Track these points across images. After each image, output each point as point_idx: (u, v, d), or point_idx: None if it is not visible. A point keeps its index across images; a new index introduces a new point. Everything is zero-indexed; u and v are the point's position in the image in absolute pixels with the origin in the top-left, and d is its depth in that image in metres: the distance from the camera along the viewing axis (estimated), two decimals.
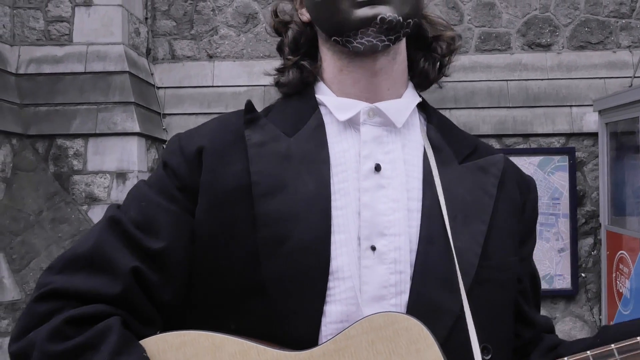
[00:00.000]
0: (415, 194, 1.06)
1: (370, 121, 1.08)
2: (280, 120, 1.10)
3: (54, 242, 4.95)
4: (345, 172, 1.05)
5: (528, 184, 1.21)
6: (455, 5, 6.18)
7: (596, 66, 6.06)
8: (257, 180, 1.02)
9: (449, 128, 1.17)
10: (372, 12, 1.01)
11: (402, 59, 1.14)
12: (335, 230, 1.00)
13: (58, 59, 5.41)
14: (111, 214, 1.06)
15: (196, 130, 1.14)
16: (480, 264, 1.02)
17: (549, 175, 5.78)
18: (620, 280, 5.17)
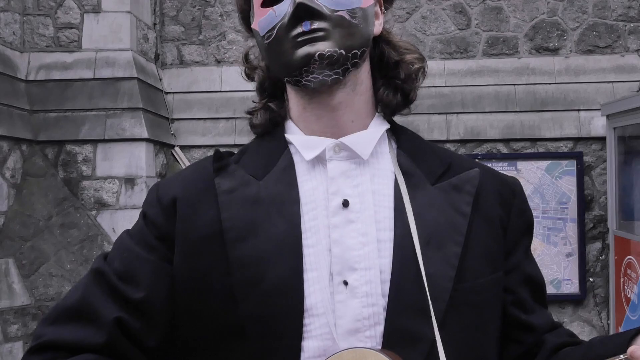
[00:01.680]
0: (386, 224, 1.07)
1: (336, 156, 1.10)
2: (251, 164, 1.13)
3: (63, 247, 4.99)
4: (315, 210, 1.07)
5: (512, 189, 1.19)
6: (462, 9, 6.18)
7: (604, 70, 6.05)
8: (229, 226, 1.06)
9: (421, 149, 1.17)
10: (311, 49, 1.04)
11: (364, 89, 1.15)
12: (307, 268, 1.03)
13: (67, 65, 5.45)
14: (96, 266, 1.12)
15: (172, 179, 1.18)
16: (454, 287, 1.03)
17: (556, 179, 5.77)
18: (628, 286, 5.16)
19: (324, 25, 1.05)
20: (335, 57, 1.05)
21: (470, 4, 6.19)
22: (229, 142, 6.04)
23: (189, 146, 6.07)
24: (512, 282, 1.15)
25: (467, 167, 1.16)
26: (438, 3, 6.20)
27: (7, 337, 4.56)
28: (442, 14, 6.20)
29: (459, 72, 6.13)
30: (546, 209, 5.78)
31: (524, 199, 1.21)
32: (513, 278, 1.15)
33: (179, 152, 6.02)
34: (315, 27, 1.05)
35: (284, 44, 1.07)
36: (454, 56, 6.18)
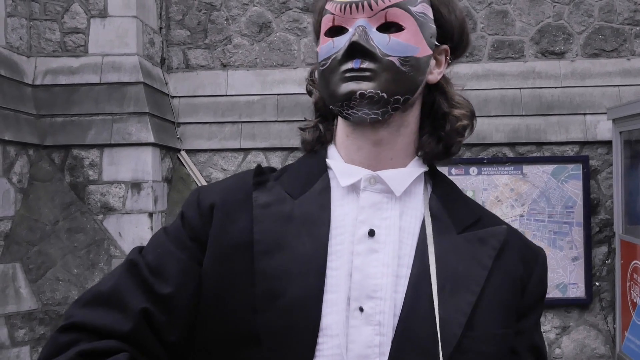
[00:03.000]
0: (406, 261, 1.10)
1: (371, 187, 1.13)
2: (289, 182, 1.18)
3: (70, 251, 5.01)
4: (343, 234, 1.10)
5: (536, 256, 1.21)
6: (468, 13, 6.18)
7: (610, 74, 6.04)
8: (259, 238, 1.10)
9: (454, 198, 1.21)
10: (355, 87, 1.07)
11: (409, 132, 1.18)
12: (327, 290, 1.06)
13: (74, 70, 5.47)
14: (132, 257, 1.16)
15: (214, 186, 1.23)
16: (463, 333, 1.05)
17: (562, 183, 5.77)
18: (634, 290, 5.15)
19: (372, 66, 1.08)
20: (375, 99, 1.08)
21: (476, 7, 6.19)
22: (235, 146, 6.06)
23: (194, 150, 6.09)
24: (519, 346, 1.16)
25: (495, 224, 1.18)
26: None
27: (15, 342, 4.58)
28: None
29: (465, 75, 6.12)
30: (552, 213, 5.78)
31: (545, 269, 1.22)
32: (521, 342, 1.16)
33: (184, 156, 6.03)
34: (364, 67, 1.08)
35: (334, 75, 1.10)
36: (459, 60, 6.16)
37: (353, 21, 1.11)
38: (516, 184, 5.80)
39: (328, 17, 1.14)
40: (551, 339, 5.81)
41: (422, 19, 1.13)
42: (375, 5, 1.10)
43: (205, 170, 6.08)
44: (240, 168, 6.07)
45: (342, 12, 1.12)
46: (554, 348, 5.81)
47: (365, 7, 1.10)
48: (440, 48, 1.18)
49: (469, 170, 5.83)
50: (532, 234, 5.78)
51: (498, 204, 5.81)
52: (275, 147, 6.02)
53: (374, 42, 1.09)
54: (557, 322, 5.81)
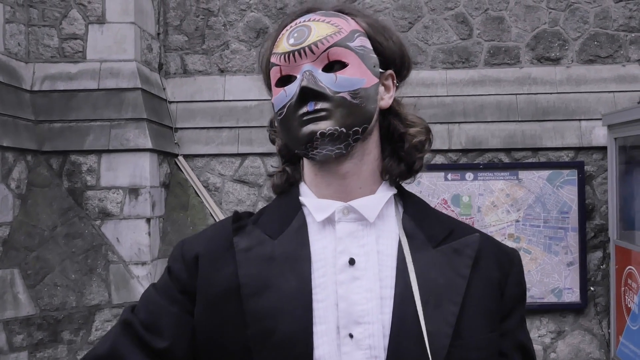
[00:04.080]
0: (388, 282, 1.14)
1: (345, 218, 1.18)
2: (267, 224, 1.22)
3: (68, 257, 5.03)
4: (324, 267, 1.15)
5: (511, 258, 1.26)
6: (464, 19, 6.22)
7: (605, 80, 6.08)
8: (245, 282, 1.14)
9: (425, 214, 1.25)
10: (314, 127, 1.13)
11: (372, 159, 1.23)
12: (316, 322, 1.11)
13: (72, 75, 5.50)
14: (125, 317, 1.22)
15: (196, 237, 1.27)
16: (452, 343, 1.10)
17: (558, 189, 5.81)
18: (628, 296, 5.19)
19: (326, 105, 1.13)
20: (336, 135, 1.13)
21: (472, 13, 6.22)
22: (232, 151, 6.09)
23: (192, 155, 6.12)
24: (505, 346, 1.20)
25: (468, 233, 1.23)
26: (440, 13, 6.24)
27: (13, 347, 4.60)
28: (444, 24, 6.24)
29: (461, 81, 6.16)
30: (547, 218, 5.81)
31: (521, 269, 1.28)
32: (507, 342, 1.21)
33: (182, 161, 6.06)
34: (319, 108, 1.13)
35: (292, 121, 1.16)
36: (455, 66, 6.22)
37: (299, 68, 1.16)
38: (512, 190, 5.84)
39: (275, 69, 1.20)
40: (546, 344, 5.84)
41: (362, 51, 1.18)
42: (316, 49, 1.15)
43: (203, 175, 6.11)
44: (237, 173, 6.10)
45: (287, 61, 1.17)
46: (549, 352, 5.85)
47: (308, 52, 1.16)
48: (385, 74, 1.23)
49: (465, 176, 5.86)
50: (528, 239, 5.82)
51: (494, 209, 5.84)
52: (273, 152, 5.98)
53: (323, 82, 1.14)
54: (552, 327, 5.85)
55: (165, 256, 5.55)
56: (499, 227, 5.84)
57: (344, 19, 1.21)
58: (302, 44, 1.16)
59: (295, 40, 1.17)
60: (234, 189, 6.10)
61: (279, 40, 1.21)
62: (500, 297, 1.20)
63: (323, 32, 1.16)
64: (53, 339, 4.81)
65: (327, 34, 1.16)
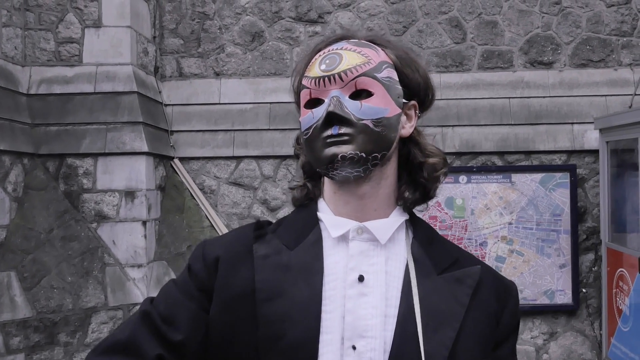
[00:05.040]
0: (393, 302, 1.21)
1: (358, 237, 1.25)
2: (285, 235, 1.30)
3: (64, 259, 5.07)
4: (335, 281, 1.22)
5: (509, 291, 1.34)
6: (458, 23, 6.27)
7: (597, 84, 6.14)
8: (260, 287, 1.21)
9: (433, 242, 1.32)
10: (336, 150, 1.20)
11: (389, 184, 1.30)
12: (323, 331, 1.18)
13: (68, 79, 5.53)
14: (144, 308, 1.29)
15: (217, 240, 1.35)
16: None
17: (550, 191, 5.86)
18: (620, 297, 5.25)
19: (349, 130, 1.21)
20: (356, 159, 1.20)
21: (466, 18, 6.27)
22: (228, 154, 6.13)
23: (187, 158, 6.16)
24: None
25: (471, 264, 1.31)
26: (434, 17, 6.29)
27: (9, 350, 4.63)
28: (438, 28, 6.29)
29: (455, 85, 6.21)
30: (540, 220, 5.87)
31: (517, 302, 1.35)
32: None
33: (178, 164, 6.09)
34: (342, 132, 1.21)
35: (317, 142, 1.23)
36: (449, 69, 6.27)
37: (327, 92, 1.23)
38: (505, 192, 5.89)
39: (305, 91, 1.27)
40: (539, 345, 5.90)
41: (388, 82, 1.25)
42: (345, 77, 1.22)
43: (199, 178, 6.15)
44: (232, 176, 6.14)
45: (317, 85, 1.24)
46: (541, 354, 5.90)
47: (337, 79, 1.22)
48: (409, 104, 1.30)
49: (459, 179, 5.91)
50: (521, 241, 5.87)
51: (487, 211, 5.89)
52: (268, 155, 6.10)
53: (348, 109, 1.21)
54: (544, 328, 5.91)
55: (161, 259, 5.58)
56: (492, 229, 5.89)
57: (374, 49, 1.27)
58: (332, 70, 1.23)
59: (326, 67, 1.24)
60: (230, 191, 6.14)
61: (311, 64, 1.28)
62: (496, 326, 1.27)
63: (353, 62, 1.23)
64: (49, 342, 4.84)
65: (357, 64, 1.23)
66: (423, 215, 5.73)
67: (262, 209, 6.12)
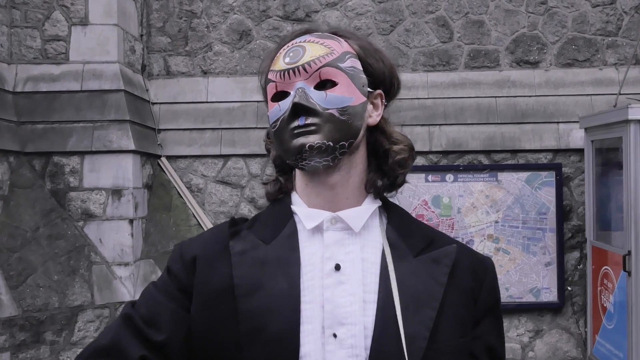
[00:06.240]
0: (371, 288, 1.24)
1: (333, 227, 1.27)
2: (261, 230, 1.32)
3: (51, 258, 5.05)
4: (312, 271, 1.24)
5: (485, 267, 1.36)
6: (445, 23, 6.30)
7: (583, 83, 6.18)
8: (239, 282, 1.23)
9: (408, 225, 1.35)
10: (304, 141, 1.23)
11: (359, 172, 1.32)
12: (303, 321, 1.20)
13: (55, 77, 5.51)
14: (126, 311, 1.31)
15: (194, 240, 1.37)
16: (428, 346, 1.19)
17: (536, 190, 5.90)
18: (604, 295, 5.29)
19: (316, 120, 1.23)
20: (323, 148, 1.23)
21: (453, 17, 6.30)
22: (215, 152, 6.13)
23: (175, 156, 6.15)
24: (476, 349, 1.30)
25: (446, 244, 1.33)
26: (421, 16, 6.31)
27: None
28: (425, 27, 6.31)
29: (442, 84, 6.24)
30: (526, 219, 5.91)
31: (495, 277, 1.37)
32: (478, 345, 1.30)
33: (165, 163, 6.09)
34: (309, 122, 1.23)
35: (285, 133, 1.26)
36: (436, 68, 6.30)
37: (293, 84, 1.26)
38: (491, 191, 5.93)
39: (271, 85, 1.29)
40: (525, 342, 5.94)
41: (352, 72, 1.28)
42: (309, 68, 1.25)
43: (186, 177, 6.15)
44: (220, 174, 6.14)
45: (282, 78, 1.27)
46: (527, 351, 5.94)
47: (301, 71, 1.25)
48: (374, 93, 1.32)
49: (445, 177, 5.94)
50: (507, 239, 5.91)
51: (473, 210, 5.93)
52: (255, 153, 6.10)
53: (313, 99, 1.24)
54: (530, 326, 5.95)
55: (148, 257, 5.58)
56: (478, 227, 5.93)
57: (337, 41, 1.30)
58: (296, 63, 1.25)
59: (290, 60, 1.26)
60: (217, 190, 6.14)
61: (276, 59, 1.30)
62: (474, 304, 1.29)
63: (316, 53, 1.26)
64: (35, 340, 4.82)
65: (320, 55, 1.26)
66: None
67: (249, 207, 6.13)
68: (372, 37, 6.28)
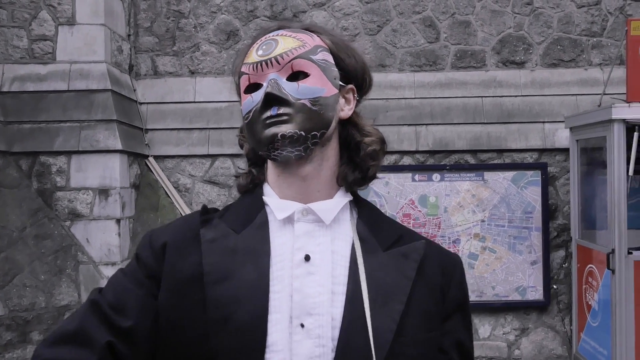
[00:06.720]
0: (340, 280, 1.25)
1: (304, 219, 1.28)
2: (232, 219, 1.32)
3: (37, 257, 5.05)
4: (282, 261, 1.25)
5: (454, 264, 1.38)
6: (432, 23, 6.33)
7: (568, 83, 6.23)
8: (208, 270, 1.23)
9: (378, 220, 1.36)
10: (276, 130, 1.24)
11: (331, 165, 1.33)
12: (272, 311, 1.21)
13: (42, 77, 5.51)
14: (92, 297, 1.30)
15: (165, 228, 1.37)
16: (395, 339, 1.20)
17: (522, 189, 5.94)
18: (589, 293, 5.34)
19: (288, 110, 1.25)
20: (295, 138, 1.24)
21: (440, 17, 6.34)
22: (203, 152, 6.14)
23: (162, 156, 6.16)
24: (446, 344, 1.31)
25: (415, 239, 1.35)
26: (408, 17, 6.35)
27: None
28: (412, 28, 6.35)
29: (428, 84, 6.28)
30: (512, 218, 5.95)
31: (463, 273, 1.39)
32: (447, 340, 1.32)
33: (152, 162, 6.09)
34: (281, 112, 1.24)
35: (257, 124, 1.27)
36: (423, 69, 6.33)
37: (265, 76, 1.27)
38: (477, 190, 5.97)
39: (244, 77, 1.31)
40: (511, 340, 5.98)
41: (324, 64, 1.30)
42: (281, 60, 1.27)
43: (173, 176, 6.15)
44: (207, 174, 6.15)
45: (255, 70, 1.28)
46: (513, 349, 5.99)
47: (274, 63, 1.27)
48: (346, 88, 1.34)
49: (432, 177, 5.98)
50: (493, 238, 5.95)
51: (460, 209, 5.96)
52: (243, 153, 6.09)
53: (286, 90, 1.25)
54: (516, 324, 5.99)
55: None
56: (464, 227, 5.96)
57: (309, 35, 1.32)
58: (269, 55, 1.27)
59: (263, 52, 1.28)
60: (205, 189, 6.15)
61: (249, 52, 1.31)
62: (442, 300, 1.31)
63: (288, 45, 1.28)
64: (22, 340, 4.82)
65: (292, 47, 1.27)
66: (396, 213, 5.78)
67: None
68: (359, 37, 6.32)
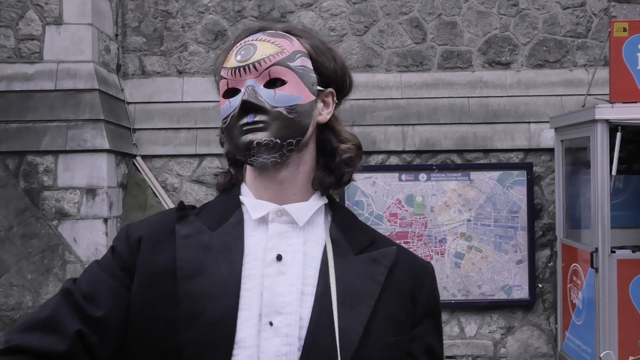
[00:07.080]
0: (311, 281, 1.27)
1: (278, 219, 1.31)
2: (208, 217, 1.35)
3: (24, 257, 5.05)
4: (255, 260, 1.27)
5: (425, 270, 1.40)
6: (418, 24, 6.37)
7: (553, 84, 6.29)
8: (181, 265, 1.26)
9: (351, 225, 1.39)
10: (252, 137, 1.25)
11: (307, 169, 1.36)
12: (242, 308, 1.23)
13: (29, 76, 5.51)
14: (66, 286, 1.31)
15: (142, 222, 1.39)
16: (361, 341, 1.23)
17: (507, 189, 5.99)
18: (574, 292, 5.39)
19: (264, 118, 1.26)
20: (271, 145, 1.26)
21: (426, 18, 6.38)
22: (190, 151, 6.15)
23: (150, 156, 6.16)
24: (415, 349, 1.34)
25: (387, 245, 1.37)
26: (395, 17, 6.38)
27: None
28: (399, 28, 6.39)
29: (415, 84, 6.32)
30: (498, 217, 6.00)
31: (434, 280, 1.41)
32: (417, 345, 1.34)
33: (140, 162, 6.10)
34: (257, 120, 1.26)
35: (234, 130, 1.28)
36: (410, 69, 6.37)
37: (243, 82, 1.29)
38: (464, 190, 6.01)
39: (223, 81, 1.32)
40: (496, 339, 6.03)
41: (302, 70, 1.30)
42: (259, 66, 1.27)
43: (161, 176, 6.16)
44: (195, 174, 6.17)
45: (233, 75, 1.30)
46: (499, 348, 6.03)
47: (252, 69, 1.28)
48: (325, 92, 1.36)
49: (419, 176, 6.02)
50: (479, 237, 5.99)
51: (446, 209, 6.01)
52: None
53: (262, 97, 1.27)
54: (502, 323, 6.04)
55: None
56: (451, 226, 6.01)
57: (289, 39, 1.32)
58: (247, 61, 1.28)
59: (241, 57, 1.28)
60: (192, 189, 6.17)
61: (229, 56, 1.32)
62: (412, 305, 1.33)
63: (267, 52, 1.28)
64: None
65: (270, 54, 1.28)
66: (383, 213, 5.81)
67: None
68: (346, 38, 6.35)
